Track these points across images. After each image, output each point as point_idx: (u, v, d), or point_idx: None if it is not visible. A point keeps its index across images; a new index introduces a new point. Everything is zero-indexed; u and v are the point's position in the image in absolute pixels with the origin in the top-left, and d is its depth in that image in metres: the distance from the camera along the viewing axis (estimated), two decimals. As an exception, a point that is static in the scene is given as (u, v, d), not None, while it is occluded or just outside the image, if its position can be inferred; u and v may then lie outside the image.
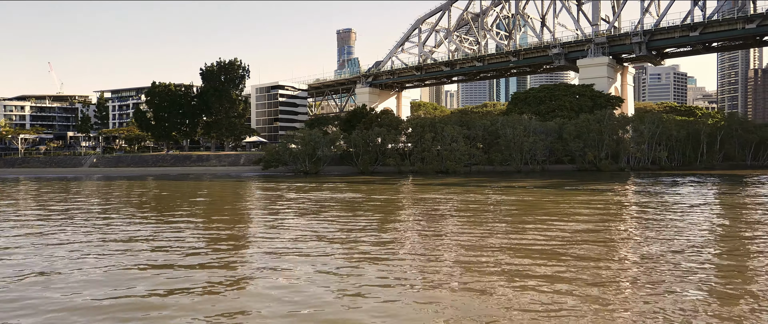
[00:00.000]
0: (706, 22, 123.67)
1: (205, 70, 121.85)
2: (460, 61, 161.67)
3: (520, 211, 36.40)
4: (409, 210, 38.16)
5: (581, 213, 34.31)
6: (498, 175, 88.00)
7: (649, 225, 28.80)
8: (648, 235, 25.27)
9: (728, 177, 78.91)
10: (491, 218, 32.23)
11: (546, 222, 29.84)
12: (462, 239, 24.44)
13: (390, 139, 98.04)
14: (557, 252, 21.12)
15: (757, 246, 22.75)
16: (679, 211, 35.75)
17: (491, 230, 27.13)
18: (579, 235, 25.33)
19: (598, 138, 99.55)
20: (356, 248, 22.39)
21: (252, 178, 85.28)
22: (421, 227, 29.04)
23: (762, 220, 31.44)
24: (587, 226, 28.33)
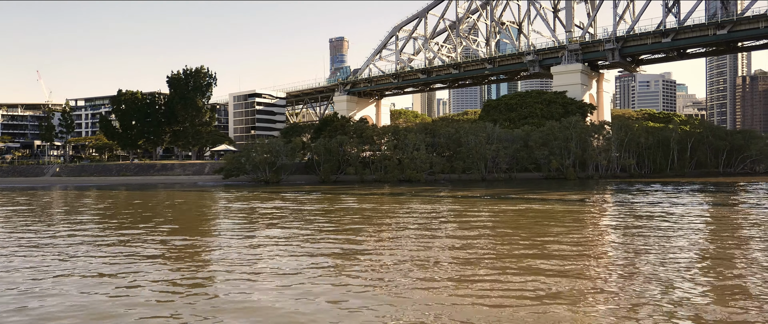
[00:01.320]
0: (678, 29, 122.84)
1: (171, 78, 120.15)
2: (436, 68, 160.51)
3: (423, 220, 34.63)
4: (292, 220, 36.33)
5: (466, 223, 32.54)
6: (460, 183, 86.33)
7: (555, 238, 27.05)
8: (551, 249, 23.50)
9: (689, 184, 77.37)
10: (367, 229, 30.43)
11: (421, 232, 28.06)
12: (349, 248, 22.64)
13: (352, 147, 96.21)
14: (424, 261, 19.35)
15: (693, 254, 21.01)
16: (590, 219, 34.02)
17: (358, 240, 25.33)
18: (456, 241, 23.54)
19: (564, 146, 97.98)
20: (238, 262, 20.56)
21: (208, 188, 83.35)
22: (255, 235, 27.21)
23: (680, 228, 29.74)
24: (466, 235, 26.54)
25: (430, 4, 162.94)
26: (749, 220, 34.84)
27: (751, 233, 28.65)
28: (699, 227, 31.28)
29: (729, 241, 25.93)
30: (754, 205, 45.33)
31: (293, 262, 21.27)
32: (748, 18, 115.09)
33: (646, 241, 25.72)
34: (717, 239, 26.60)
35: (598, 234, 28.96)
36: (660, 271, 18.90)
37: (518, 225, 32.93)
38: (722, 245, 24.64)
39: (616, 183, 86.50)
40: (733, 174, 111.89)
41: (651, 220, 34.24)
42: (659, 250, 23.10)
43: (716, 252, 22.98)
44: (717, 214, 38.38)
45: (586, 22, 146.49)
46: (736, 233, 28.53)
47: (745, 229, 30.51)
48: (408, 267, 20.03)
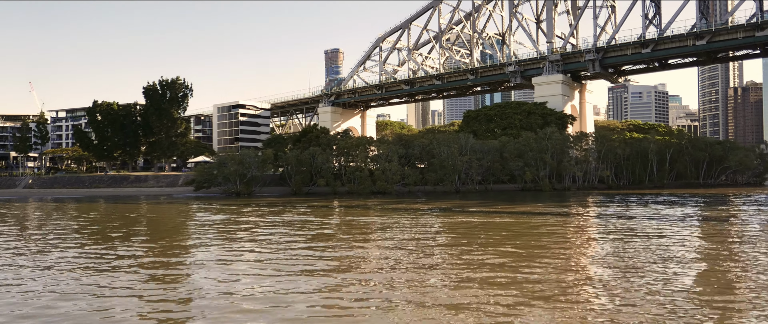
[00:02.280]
0: (657, 39, 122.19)
1: (147, 89, 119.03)
2: (420, 79, 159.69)
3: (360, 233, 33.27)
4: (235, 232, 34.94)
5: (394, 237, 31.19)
6: (433, 195, 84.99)
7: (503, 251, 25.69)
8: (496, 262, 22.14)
9: (658, 195, 76.09)
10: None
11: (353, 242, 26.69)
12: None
13: (323, 159, 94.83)
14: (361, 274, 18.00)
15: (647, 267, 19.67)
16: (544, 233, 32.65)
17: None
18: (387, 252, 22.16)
19: (539, 157, 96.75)
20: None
21: (175, 200, 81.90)
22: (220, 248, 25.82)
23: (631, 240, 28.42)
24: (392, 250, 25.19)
25: (412, 15, 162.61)
26: (685, 234, 33.51)
27: (702, 249, 27.33)
28: (636, 242, 29.98)
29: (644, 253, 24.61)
30: (707, 218, 44.00)
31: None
32: (726, 28, 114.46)
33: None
34: (646, 253, 25.29)
35: (529, 250, 27.61)
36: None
37: (436, 241, 31.59)
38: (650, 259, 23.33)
39: (589, 194, 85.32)
40: (713, 185, 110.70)
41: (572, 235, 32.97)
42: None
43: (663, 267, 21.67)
44: (644, 227, 37.05)
45: (569, 34, 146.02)
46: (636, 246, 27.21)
47: (676, 245, 29.18)
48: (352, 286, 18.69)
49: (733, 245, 28.77)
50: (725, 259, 24.37)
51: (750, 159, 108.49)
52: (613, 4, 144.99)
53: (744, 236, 32.46)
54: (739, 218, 43.61)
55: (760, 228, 36.23)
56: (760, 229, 35.78)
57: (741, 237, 32.18)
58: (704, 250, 27.16)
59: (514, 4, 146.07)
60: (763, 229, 35.70)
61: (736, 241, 30.56)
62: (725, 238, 31.79)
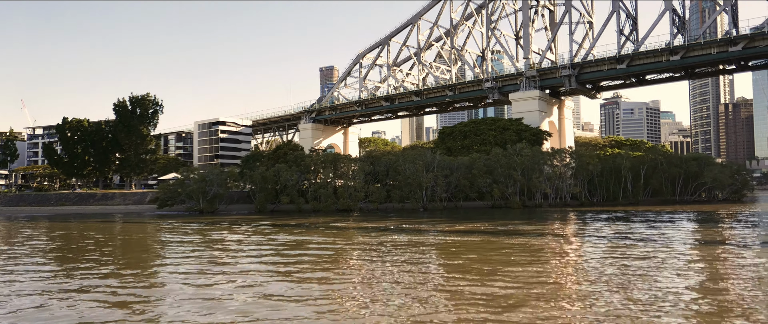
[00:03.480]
0: (632, 55, 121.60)
1: (117, 105, 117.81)
2: (399, 95, 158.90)
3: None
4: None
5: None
6: (401, 213, 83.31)
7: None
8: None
9: (626, 212, 74.48)
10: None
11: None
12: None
13: (287, 176, 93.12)
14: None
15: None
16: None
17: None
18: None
19: (507, 173, 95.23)
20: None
21: (131, 219, 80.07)
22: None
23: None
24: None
25: (392, 31, 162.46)
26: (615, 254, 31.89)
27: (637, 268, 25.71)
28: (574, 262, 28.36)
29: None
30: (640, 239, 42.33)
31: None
32: (699, 44, 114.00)
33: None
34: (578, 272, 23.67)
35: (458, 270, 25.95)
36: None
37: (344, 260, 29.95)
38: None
39: (556, 212, 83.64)
40: (688, 202, 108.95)
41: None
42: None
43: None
44: (578, 245, 35.42)
45: (550, 50, 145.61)
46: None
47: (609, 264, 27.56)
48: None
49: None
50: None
51: (724, 175, 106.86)
52: (591, 21, 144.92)
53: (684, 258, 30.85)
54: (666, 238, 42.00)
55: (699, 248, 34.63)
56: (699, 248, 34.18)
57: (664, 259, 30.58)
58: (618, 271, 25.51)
59: (492, 21, 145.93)
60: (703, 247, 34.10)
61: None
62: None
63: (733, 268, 26.48)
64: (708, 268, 26.54)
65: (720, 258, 30.34)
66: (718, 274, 24.66)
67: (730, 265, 27.41)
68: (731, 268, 26.68)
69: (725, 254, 31.74)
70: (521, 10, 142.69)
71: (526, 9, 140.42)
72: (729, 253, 32.35)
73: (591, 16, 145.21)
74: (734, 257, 30.47)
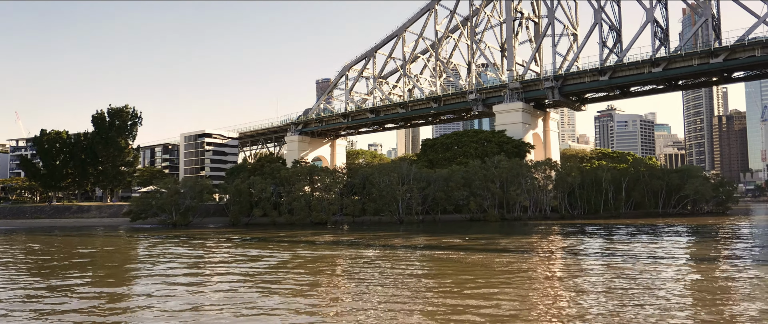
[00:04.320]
0: (615, 66, 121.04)
1: (95, 117, 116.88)
2: (384, 108, 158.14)
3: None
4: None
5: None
6: (377, 226, 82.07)
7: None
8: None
9: (600, 226, 73.34)
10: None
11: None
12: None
13: (261, 188, 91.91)
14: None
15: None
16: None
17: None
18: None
19: (485, 186, 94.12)
20: None
21: (93, 233, 78.76)
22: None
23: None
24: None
25: (377, 43, 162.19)
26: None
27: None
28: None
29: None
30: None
31: None
32: (680, 56, 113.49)
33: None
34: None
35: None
36: None
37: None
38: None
39: (536, 224, 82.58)
40: (671, 214, 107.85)
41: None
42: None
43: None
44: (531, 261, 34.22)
45: (534, 62, 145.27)
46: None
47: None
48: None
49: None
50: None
51: (706, 188, 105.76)
52: (576, 33, 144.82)
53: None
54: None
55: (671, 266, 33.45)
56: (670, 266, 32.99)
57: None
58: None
59: (476, 33, 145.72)
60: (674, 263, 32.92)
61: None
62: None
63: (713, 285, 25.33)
64: (684, 287, 25.36)
65: (703, 275, 29.18)
66: (706, 295, 23.49)
67: (711, 284, 26.26)
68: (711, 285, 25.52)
69: (706, 271, 30.60)
70: (505, 23, 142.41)
71: (510, 21, 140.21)
72: (708, 269, 31.21)
73: (575, 29, 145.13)
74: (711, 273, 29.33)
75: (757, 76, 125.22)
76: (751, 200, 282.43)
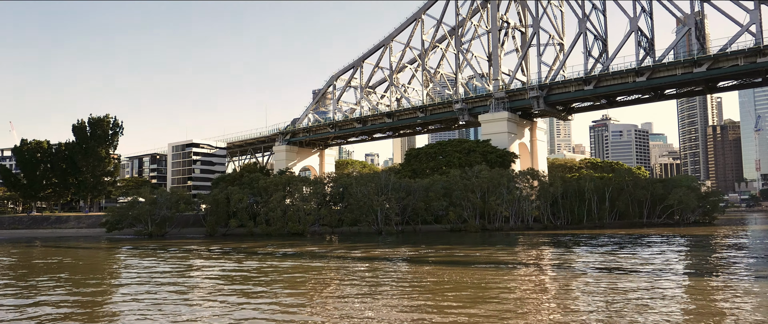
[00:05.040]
0: (599, 76, 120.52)
1: (75, 127, 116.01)
2: (371, 117, 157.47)
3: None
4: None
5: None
6: (355, 237, 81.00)
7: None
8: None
9: (577, 236, 72.31)
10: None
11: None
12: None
13: (238, 198, 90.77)
14: None
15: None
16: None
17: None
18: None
19: (464, 196, 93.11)
20: None
21: (64, 243, 77.56)
22: None
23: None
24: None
25: (364, 53, 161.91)
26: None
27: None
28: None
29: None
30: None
31: None
32: (664, 65, 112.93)
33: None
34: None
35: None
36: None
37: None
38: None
39: (517, 235, 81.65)
40: (655, 224, 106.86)
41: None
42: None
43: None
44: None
45: (521, 72, 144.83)
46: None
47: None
48: None
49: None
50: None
51: (690, 198, 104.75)
52: (562, 43, 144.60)
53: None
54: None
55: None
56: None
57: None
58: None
59: (462, 43, 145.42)
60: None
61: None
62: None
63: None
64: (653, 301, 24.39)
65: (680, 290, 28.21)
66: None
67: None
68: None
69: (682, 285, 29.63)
70: (491, 32, 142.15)
71: (496, 31, 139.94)
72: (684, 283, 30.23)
73: (561, 38, 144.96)
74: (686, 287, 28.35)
75: (743, 85, 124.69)
76: (746, 210, 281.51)
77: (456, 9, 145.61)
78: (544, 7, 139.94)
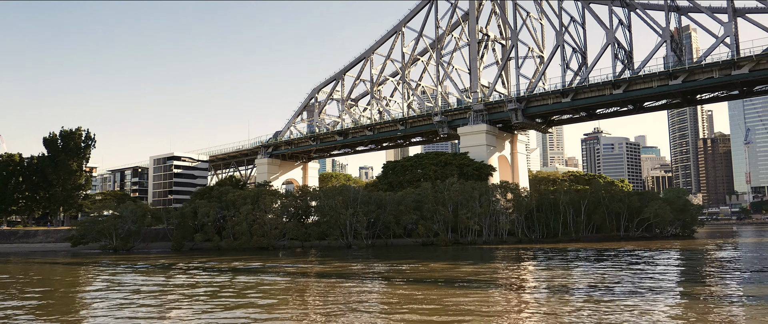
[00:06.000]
0: (576, 88, 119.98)
1: (46, 140, 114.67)
2: (352, 130, 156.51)
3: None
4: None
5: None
6: (324, 251, 79.64)
7: None
8: None
9: (546, 251, 71.04)
10: None
11: None
12: None
13: (204, 212, 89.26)
14: None
15: None
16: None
17: None
18: None
19: (434, 209, 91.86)
20: None
21: (31, 260, 75.89)
22: None
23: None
24: None
25: (346, 66, 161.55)
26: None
27: None
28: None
29: None
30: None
31: None
32: (640, 77, 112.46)
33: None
34: None
35: None
36: None
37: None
38: None
39: (488, 249, 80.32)
40: (632, 238, 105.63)
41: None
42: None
43: None
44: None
45: (503, 84, 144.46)
46: None
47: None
48: None
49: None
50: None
51: (665, 211, 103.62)
52: (542, 55, 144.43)
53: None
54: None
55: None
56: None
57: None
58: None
59: (442, 55, 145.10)
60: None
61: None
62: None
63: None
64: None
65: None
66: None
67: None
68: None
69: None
70: (470, 45, 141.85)
71: (475, 43, 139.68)
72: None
73: (542, 51, 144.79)
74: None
75: (721, 97, 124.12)
76: (737, 223, 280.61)
77: (436, 22, 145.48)
78: (524, 19, 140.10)
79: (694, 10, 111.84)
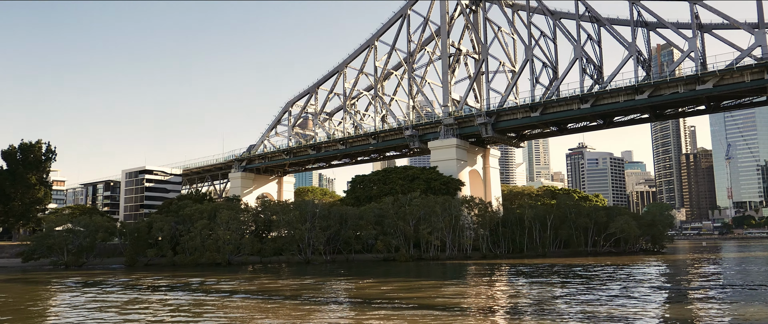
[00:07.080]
0: (545, 103, 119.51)
1: (5, 152, 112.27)
2: (325, 144, 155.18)
3: None
4: None
5: None
6: (278, 268, 77.80)
7: None
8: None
9: (502, 266, 69.70)
10: None
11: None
12: None
13: (158, 227, 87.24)
14: None
15: None
16: None
17: None
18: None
19: (395, 224, 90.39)
20: None
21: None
22: None
23: None
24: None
25: (319, 79, 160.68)
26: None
27: None
28: None
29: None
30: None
31: None
32: (607, 91, 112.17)
33: None
34: None
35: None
36: None
37: None
38: None
39: (449, 264, 79.00)
40: (600, 253, 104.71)
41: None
42: None
43: None
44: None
45: (475, 98, 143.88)
46: None
47: None
48: None
49: None
50: None
51: (631, 227, 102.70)
52: (514, 69, 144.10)
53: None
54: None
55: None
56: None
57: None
58: None
59: (415, 69, 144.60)
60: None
61: None
62: None
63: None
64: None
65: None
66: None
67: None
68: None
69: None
70: (441, 59, 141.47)
71: (446, 57, 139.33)
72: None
73: (514, 65, 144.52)
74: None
75: (688, 112, 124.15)
76: (719, 237, 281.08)
77: (408, 36, 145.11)
78: (496, 33, 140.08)
79: (661, 25, 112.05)
